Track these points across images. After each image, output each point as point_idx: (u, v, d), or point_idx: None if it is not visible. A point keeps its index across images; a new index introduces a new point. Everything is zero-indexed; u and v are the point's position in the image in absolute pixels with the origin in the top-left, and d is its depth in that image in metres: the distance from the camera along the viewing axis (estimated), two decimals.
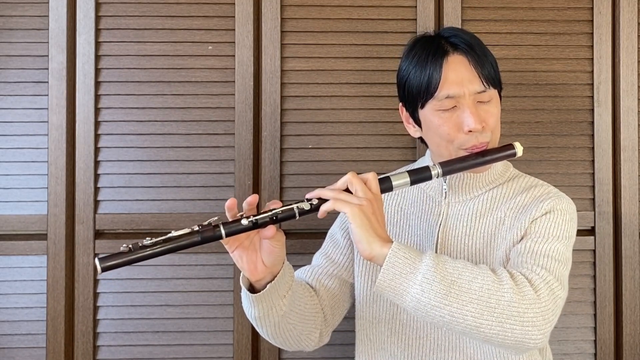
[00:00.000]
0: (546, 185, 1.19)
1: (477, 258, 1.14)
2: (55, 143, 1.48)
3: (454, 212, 1.18)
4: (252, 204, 0.99)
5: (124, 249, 0.91)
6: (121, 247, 0.91)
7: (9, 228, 1.48)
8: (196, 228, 0.94)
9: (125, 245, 0.91)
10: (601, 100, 1.53)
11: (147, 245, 0.92)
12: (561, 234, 1.09)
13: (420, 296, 0.94)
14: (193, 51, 1.51)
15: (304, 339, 1.13)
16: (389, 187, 1.05)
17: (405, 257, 0.96)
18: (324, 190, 1.00)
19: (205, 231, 0.94)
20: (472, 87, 1.10)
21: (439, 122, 1.11)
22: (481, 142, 1.11)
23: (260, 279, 1.01)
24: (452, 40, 1.13)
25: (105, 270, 0.90)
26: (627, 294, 1.51)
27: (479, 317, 0.94)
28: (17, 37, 1.49)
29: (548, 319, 0.96)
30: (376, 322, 1.19)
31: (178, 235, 0.93)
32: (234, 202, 0.98)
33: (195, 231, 0.94)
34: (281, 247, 1.01)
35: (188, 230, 0.94)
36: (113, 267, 0.91)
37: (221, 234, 0.95)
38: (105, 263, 0.90)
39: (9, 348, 1.48)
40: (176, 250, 0.94)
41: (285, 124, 1.51)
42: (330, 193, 0.99)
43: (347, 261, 1.23)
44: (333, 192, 0.99)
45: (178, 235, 0.93)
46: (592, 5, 1.53)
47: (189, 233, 0.94)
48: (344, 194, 0.99)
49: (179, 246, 0.93)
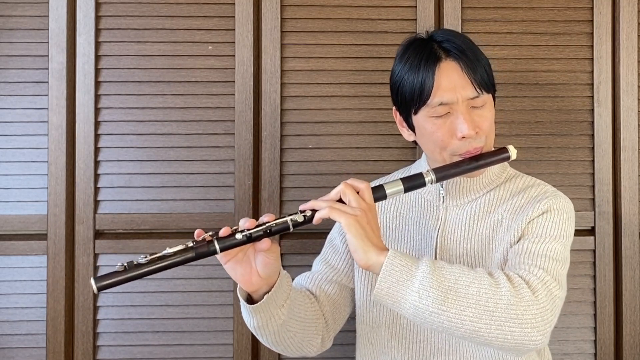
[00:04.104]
0: (543, 184, 1.19)
1: (476, 261, 1.14)
2: (55, 143, 1.48)
3: (452, 216, 1.18)
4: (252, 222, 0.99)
5: (119, 268, 0.93)
6: (116, 266, 0.93)
7: (9, 228, 1.48)
8: (190, 244, 0.96)
9: (120, 264, 0.93)
10: (601, 100, 1.53)
11: (142, 264, 0.93)
12: (559, 234, 1.09)
13: (417, 303, 0.94)
14: (193, 51, 1.51)
15: (305, 345, 1.13)
16: (383, 196, 1.05)
17: (402, 265, 0.95)
18: (317, 202, 1.00)
19: (200, 247, 0.96)
20: (465, 93, 1.09)
21: (433, 129, 1.11)
22: (475, 147, 1.11)
23: (256, 289, 1.02)
24: (444, 45, 1.12)
25: (101, 290, 0.92)
26: (627, 294, 1.51)
27: (477, 322, 0.94)
28: (17, 37, 1.49)
29: (547, 320, 0.96)
30: (376, 326, 1.19)
31: (172, 253, 0.95)
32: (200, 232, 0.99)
33: (190, 247, 0.95)
34: (276, 259, 1.01)
35: (182, 247, 0.95)
36: (108, 286, 0.92)
37: (215, 249, 0.96)
38: (101, 282, 0.92)
39: (9, 348, 1.48)
40: (171, 267, 0.95)
41: (285, 124, 1.51)
42: (324, 204, 0.99)
43: (347, 266, 1.23)
44: (327, 203, 0.99)
45: (172, 253, 0.95)
46: (592, 5, 1.53)
47: (183, 250, 0.95)
48: (339, 205, 0.99)
49: (174, 263, 0.94)
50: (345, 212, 0.97)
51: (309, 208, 1.00)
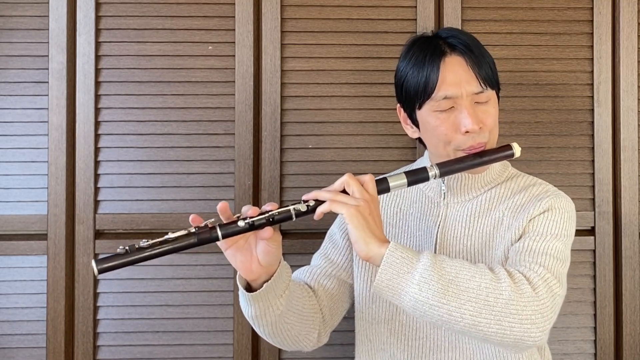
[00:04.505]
0: (544, 183, 1.19)
1: (476, 258, 1.14)
2: (55, 143, 1.48)
3: (452, 213, 1.18)
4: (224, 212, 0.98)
5: (120, 250, 0.91)
6: (118, 249, 0.91)
7: (9, 228, 1.48)
8: (193, 230, 0.94)
9: (122, 247, 0.91)
10: (601, 100, 1.53)
11: (144, 247, 0.92)
12: (560, 232, 1.09)
13: (418, 295, 0.94)
14: (193, 51, 1.51)
15: (302, 339, 1.13)
16: (386, 189, 1.04)
17: (403, 257, 0.96)
18: (320, 192, 1.00)
19: (202, 233, 0.94)
20: (470, 87, 1.10)
21: (437, 123, 1.11)
22: (479, 142, 1.11)
23: (255, 278, 1.01)
24: (449, 40, 1.13)
25: (102, 272, 0.90)
26: (627, 294, 1.51)
27: (477, 316, 0.94)
28: (17, 37, 1.49)
29: (546, 317, 0.96)
30: (375, 322, 1.19)
31: (175, 237, 0.93)
32: (225, 205, 0.98)
33: (192, 233, 0.94)
34: (277, 247, 1.01)
35: (185, 232, 0.94)
36: (109, 269, 0.90)
37: (218, 236, 0.95)
38: (102, 265, 0.90)
39: (9, 348, 1.48)
40: (173, 252, 0.94)
41: (285, 124, 1.51)
42: (327, 194, 0.99)
43: (346, 262, 1.23)
44: (330, 194, 0.99)
45: (175, 237, 0.93)
46: (592, 5, 1.53)
47: (185, 235, 0.94)
48: (341, 195, 0.99)
49: (175, 248, 0.93)
50: (347, 203, 0.97)
51: (312, 198, 1.00)
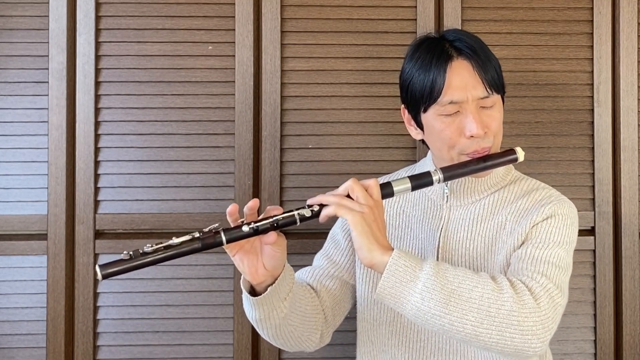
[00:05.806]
0: (547, 188, 1.19)
1: (478, 262, 1.14)
2: (55, 143, 1.48)
3: (455, 216, 1.18)
4: (253, 209, 0.99)
5: (124, 256, 0.92)
6: (122, 255, 0.92)
7: (9, 228, 1.48)
8: (197, 234, 0.95)
9: (125, 252, 0.92)
10: (601, 100, 1.53)
11: (147, 252, 0.92)
12: (562, 239, 1.09)
13: (420, 304, 0.94)
14: (193, 51, 1.50)
15: (304, 340, 1.13)
16: (390, 193, 1.05)
17: (406, 265, 0.96)
18: (325, 196, 1.00)
19: (206, 238, 0.95)
20: (476, 92, 1.09)
21: (441, 127, 1.11)
22: (483, 147, 1.11)
23: (261, 282, 1.02)
24: (456, 44, 1.12)
25: (106, 278, 0.91)
26: (627, 294, 1.51)
27: (478, 326, 0.94)
28: (17, 37, 1.49)
29: (548, 328, 0.96)
30: (377, 324, 1.19)
31: (179, 242, 0.94)
32: (235, 207, 0.98)
33: (196, 238, 0.94)
34: (282, 252, 1.01)
35: (189, 237, 0.94)
36: (114, 274, 0.91)
37: (222, 241, 0.95)
38: (106, 270, 0.91)
39: (9, 348, 1.48)
40: (177, 257, 0.94)
41: (285, 124, 1.51)
42: (332, 199, 0.99)
43: (348, 262, 1.23)
44: (335, 198, 0.99)
45: (179, 242, 0.94)
46: (592, 5, 1.53)
47: (189, 240, 0.94)
48: (346, 200, 0.99)
49: (179, 253, 0.94)
50: (352, 208, 0.97)
51: (316, 202, 1.00)
